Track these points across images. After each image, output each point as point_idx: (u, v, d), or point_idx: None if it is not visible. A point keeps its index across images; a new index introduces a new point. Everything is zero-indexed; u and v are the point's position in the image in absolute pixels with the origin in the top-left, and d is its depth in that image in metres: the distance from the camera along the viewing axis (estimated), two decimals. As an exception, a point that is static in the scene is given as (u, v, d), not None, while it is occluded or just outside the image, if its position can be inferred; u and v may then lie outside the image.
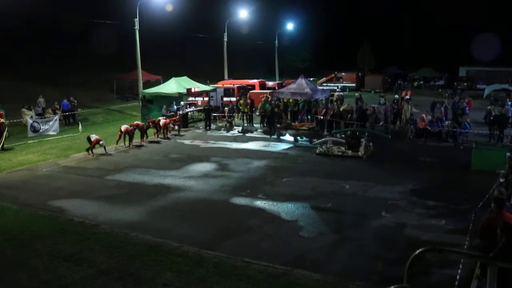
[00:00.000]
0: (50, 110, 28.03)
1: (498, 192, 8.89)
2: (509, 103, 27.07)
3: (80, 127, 26.54)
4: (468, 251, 8.29)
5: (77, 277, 8.88)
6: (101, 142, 20.09)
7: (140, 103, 30.57)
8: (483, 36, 56.31)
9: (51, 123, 26.07)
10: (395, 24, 68.15)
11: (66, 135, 25.18)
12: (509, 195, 9.57)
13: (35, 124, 25.33)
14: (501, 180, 10.85)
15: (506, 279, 4.52)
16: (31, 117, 26.62)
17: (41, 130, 25.35)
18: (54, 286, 8.66)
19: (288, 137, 24.09)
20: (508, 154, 13.21)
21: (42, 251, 10.14)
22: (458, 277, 8.15)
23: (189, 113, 29.81)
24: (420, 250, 3.08)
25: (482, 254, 6.36)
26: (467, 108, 26.67)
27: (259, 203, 13.40)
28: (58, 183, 15.93)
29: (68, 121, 28.95)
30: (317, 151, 19.98)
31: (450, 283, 8.10)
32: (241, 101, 29.00)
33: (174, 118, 26.15)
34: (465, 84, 53.54)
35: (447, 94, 35.56)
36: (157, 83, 37.04)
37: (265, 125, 26.99)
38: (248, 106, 28.46)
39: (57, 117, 26.84)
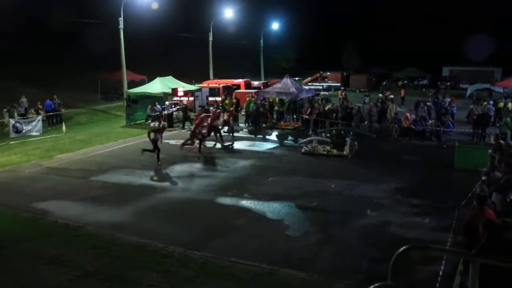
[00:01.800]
0: (33, 111, 27.68)
1: (480, 189, 9.04)
2: (491, 102, 27.51)
3: (63, 127, 26.24)
4: (451, 248, 8.41)
5: (62, 280, 8.79)
6: (162, 124, 19.87)
7: (125, 103, 30.36)
8: (467, 36, 57.14)
9: (34, 123, 25.76)
10: (379, 24, 68.63)
11: (50, 136, 24.88)
12: (491, 192, 9.71)
13: (18, 125, 25.02)
14: (483, 178, 11.00)
15: (488, 275, 4.59)
16: (13, 117, 26.29)
17: (23, 131, 25.04)
18: (38, 289, 8.58)
19: (273, 137, 24.14)
20: (490, 152, 13.38)
21: (25, 254, 10.00)
22: (441, 273, 8.25)
23: (174, 113, 29.68)
24: (403, 248, 3.12)
25: (464, 251, 6.45)
26: (455, 108, 27.04)
27: (245, 203, 13.40)
28: (41, 184, 15.73)
29: (52, 122, 28.61)
30: (303, 150, 20.04)
31: (433, 279, 8.20)
32: (227, 101, 28.99)
33: (231, 112, 25.67)
34: (449, 83, 54.27)
35: (430, 94, 35.95)
36: (142, 83, 36.82)
37: (250, 124, 27.01)
38: (234, 106, 28.45)
39: (40, 117, 26.53)
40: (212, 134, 21.46)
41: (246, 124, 27.39)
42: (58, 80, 37.87)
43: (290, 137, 23.90)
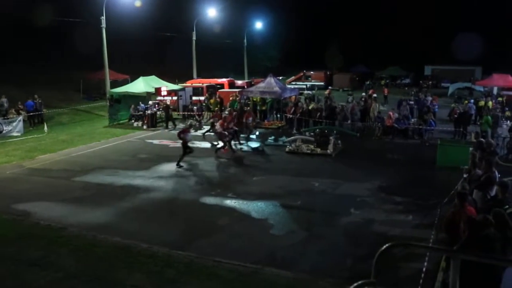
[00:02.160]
0: (13, 111, 27.22)
1: (462, 187, 9.16)
2: (472, 101, 27.91)
3: (45, 127, 25.89)
4: (433, 245, 8.51)
5: (44, 282, 8.67)
6: (189, 122, 19.39)
7: (108, 103, 30.09)
8: (448, 36, 57.95)
9: (14, 123, 25.37)
10: (362, 24, 69.12)
11: (31, 136, 24.52)
12: (472, 190, 9.85)
13: (-3, 125, 24.63)
14: (465, 175, 11.15)
15: (469, 271, 4.66)
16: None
17: (4, 131, 24.64)
18: (19, 292, 8.45)
19: (258, 136, 24.13)
20: (471, 149, 13.58)
21: (6, 256, 9.85)
22: (424, 270, 8.34)
23: (157, 113, 29.49)
24: (386, 245, 3.14)
25: (446, 248, 6.53)
26: (436, 107, 27.38)
27: (229, 202, 13.39)
28: (22, 185, 15.49)
29: (33, 122, 28.21)
30: (287, 149, 20.08)
31: (417, 276, 8.28)
32: (211, 100, 28.89)
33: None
34: (430, 82, 54.89)
35: (413, 92, 36.35)
36: (125, 82, 36.57)
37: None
38: (218, 106, 28.40)
39: (21, 117, 26.11)
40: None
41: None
42: (39, 80, 37.31)
43: (274, 136, 23.91)
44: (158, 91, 28.42)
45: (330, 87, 43.40)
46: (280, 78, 44.46)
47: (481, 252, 5.71)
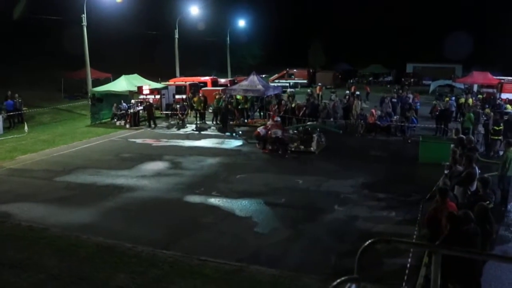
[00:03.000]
0: (-8, 111, 26.77)
1: (443, 183, 9.30)
2: (453, 98, 28.29)
3: (25, 127, 25.47)
4: (415, 241, 8.62)
5: (26, 284, 8.54)
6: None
7: (90, 102, 29.74)
8: (430, 34, 58.64)
9: (-7, 123, 24.94)
10: (345, 22, 69.49)
11: (11, 136, 24.09)
12: (453, 185, 10.00)
13: (-24, 126, 24.17)
14: (446, 171, 11.32)
15: (450, 266, 4.73)
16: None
17: (-18, 132, 24.21)
18: (0, 294, 8.34)
19: (241, 134, 24.13)
20: (452, 146, 13.78)
21: (-13, 258, 9.70)
22: (408, 265, 8.45)
23: (140, 112, 29.27)
24: (369, 241, 3.17)
25: (427, 243, 6.63)
26: (418, 104, 27.70)
27: (213, 201, 13.38)
28: (3, 187, 15.21)
29: (13, 122, 27.73)
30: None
31: (401, 271, 8.38)
32: (195, 99, 28.75)
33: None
34: (412, 80, 55.51)
35: (395, 90, 36.72)
36: (107, 81, 36.16)
37: (217, 122, 26.93)
38: (202, 104, 28.29)
39: (0, 117, 25.66)
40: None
41: (213, 122, 27.31)
42: (20, 79, 36.70)
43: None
44: (140, 89, 28.22)
45: (320, 84, 43.60)
46: (263, 76, 44.49)
47: (462, 247, 5.81)
